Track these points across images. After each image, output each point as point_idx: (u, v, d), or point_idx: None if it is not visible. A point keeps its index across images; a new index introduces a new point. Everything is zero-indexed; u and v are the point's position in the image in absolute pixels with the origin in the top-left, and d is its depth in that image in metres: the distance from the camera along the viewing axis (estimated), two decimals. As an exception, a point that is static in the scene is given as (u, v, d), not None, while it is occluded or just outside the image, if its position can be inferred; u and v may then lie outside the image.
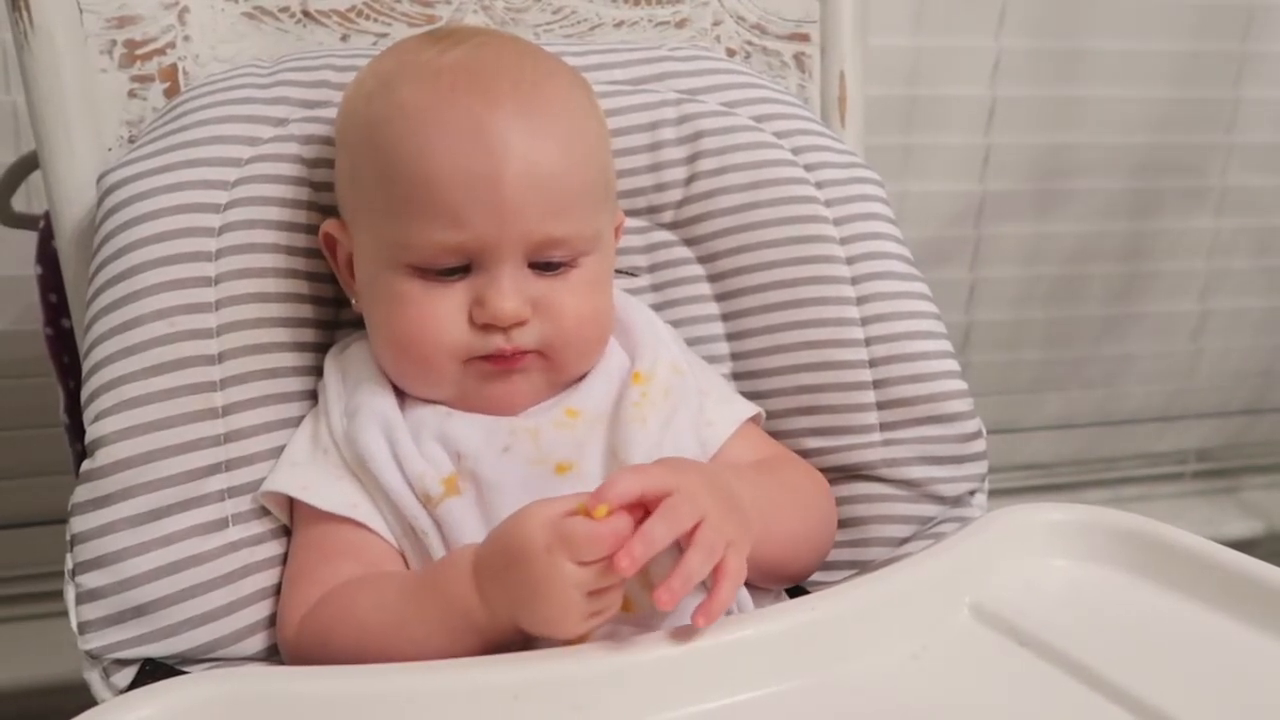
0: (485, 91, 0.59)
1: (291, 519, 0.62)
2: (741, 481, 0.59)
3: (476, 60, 0.61)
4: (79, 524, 0.58)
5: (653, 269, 0.77)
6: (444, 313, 0.60)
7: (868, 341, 0.71)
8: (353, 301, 0.66)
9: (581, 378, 0.65)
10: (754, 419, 0.70)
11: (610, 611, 0.51)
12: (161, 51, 0.71)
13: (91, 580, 0.57)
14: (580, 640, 0.52)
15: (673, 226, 0.76)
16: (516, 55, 0.63)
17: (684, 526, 0.51)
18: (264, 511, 0.62)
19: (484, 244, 0.59)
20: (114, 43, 0.70)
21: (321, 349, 0.67)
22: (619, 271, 0.76)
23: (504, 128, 0.58)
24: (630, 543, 0.49)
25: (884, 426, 0.71)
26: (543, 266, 0.61)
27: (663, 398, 0.64)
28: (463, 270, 0.60)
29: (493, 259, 0.59)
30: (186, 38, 0.72)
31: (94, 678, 0.57)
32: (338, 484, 0.61)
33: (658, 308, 0.74)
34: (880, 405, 0.71)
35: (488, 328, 0.60)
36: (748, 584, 0.60)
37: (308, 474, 0.61)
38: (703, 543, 0.51)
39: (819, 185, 0.74)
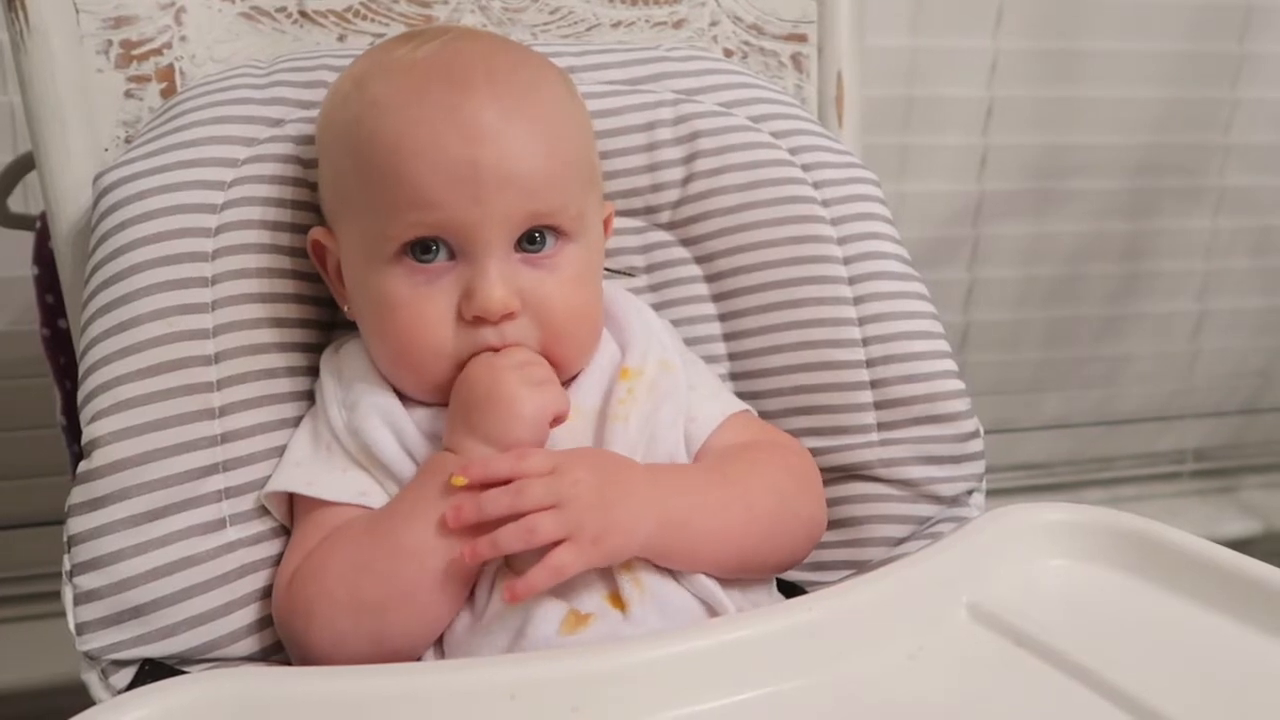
0: (458, 81, 0.59)
1: (292, 518, 0.62)
2: (660, 483, 0.59)
3: (449, 52, 0.61)
4: (76, 525, 0.57)
5: (650, 269, 0.77)
6: (433, 313, 0.60)
7: (865, 341, 0.71)
8: (344, 309, 0.65)
9: (575, 375, 0.65)
10: (744, 415, 0.69)
11: (559, 398, 0.59)
12: (158, 52, 0.71)
13: (89, 581, 0.57)
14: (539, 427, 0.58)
15: (670, 227, 0.76)
16: (489, 47, 0.63)
17: (524, 506, 0.54)
18: (262, 512, 0.62)
19: (465, 227, 0.58)
20: (110, 43, 0.70)
21: (318, 349, 0.67)
22: (617, 271, 0.76)
23: (478, 112, 0.58)
24: (468, 500, 0.54)
25: (881, 426, 0.71)
26: (529, 248, 0.60)
27: (646, 394, 0.63)
28: (448, 259, 0.60)
29: (478, 246, 0.59)
30: (183, 38, 0.72)
31: (92, 679, 0.57)
32: (344, 475, 0.61)
33: (655, 308, 0.73)
34: (877, 405, 0.71)
35: (478, 321, 0.59)
36: (722, 581, 0.59)
37: (311, 471, 0.61)
38: (528, 522, 0.54)
39: (816, 185, 0.74)
